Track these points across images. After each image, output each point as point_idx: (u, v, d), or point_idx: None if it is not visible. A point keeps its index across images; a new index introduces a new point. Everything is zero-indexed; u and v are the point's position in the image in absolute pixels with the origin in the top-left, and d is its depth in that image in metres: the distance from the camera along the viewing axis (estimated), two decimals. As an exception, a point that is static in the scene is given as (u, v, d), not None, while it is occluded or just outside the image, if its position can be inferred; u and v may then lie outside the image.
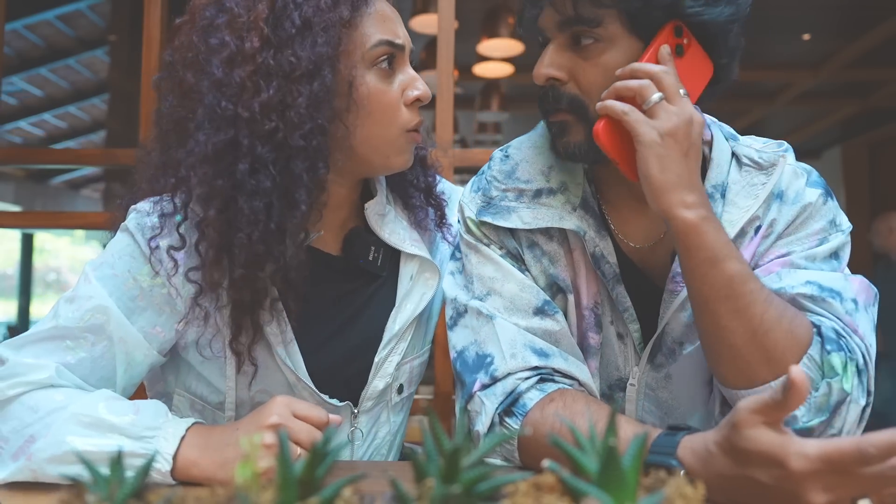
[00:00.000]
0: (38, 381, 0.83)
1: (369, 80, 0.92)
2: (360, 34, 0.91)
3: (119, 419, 0.80)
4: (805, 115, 7.17)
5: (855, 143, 7.82)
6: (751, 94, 6.45)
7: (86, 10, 5.68)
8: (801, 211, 0.92)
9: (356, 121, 0.92)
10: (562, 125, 0.91)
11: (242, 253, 0.85)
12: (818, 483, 0.57)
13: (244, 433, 0.81)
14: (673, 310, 0.92)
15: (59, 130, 8.56)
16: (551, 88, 0.90)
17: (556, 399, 0.84)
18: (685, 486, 0.44)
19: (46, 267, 14.92)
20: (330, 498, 0.43)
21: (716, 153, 0.95)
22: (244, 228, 0.84)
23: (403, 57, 0.96)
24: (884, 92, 6.14)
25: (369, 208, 1.02)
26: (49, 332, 0.87)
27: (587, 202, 0.96)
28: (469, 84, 5.47)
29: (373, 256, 1.02)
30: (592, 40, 0.87)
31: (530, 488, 0.44)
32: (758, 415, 0.60)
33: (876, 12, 4.54)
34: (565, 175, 0.97)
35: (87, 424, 0.79)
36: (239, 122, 0.85)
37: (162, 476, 0.79)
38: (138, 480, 0.45)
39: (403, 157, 0.98)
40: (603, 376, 0.98)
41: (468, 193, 1.01)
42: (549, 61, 0.88)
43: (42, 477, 0.79)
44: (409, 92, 0.95)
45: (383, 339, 1.02)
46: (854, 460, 0.56)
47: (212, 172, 0.85)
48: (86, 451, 0.77)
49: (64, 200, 10.48)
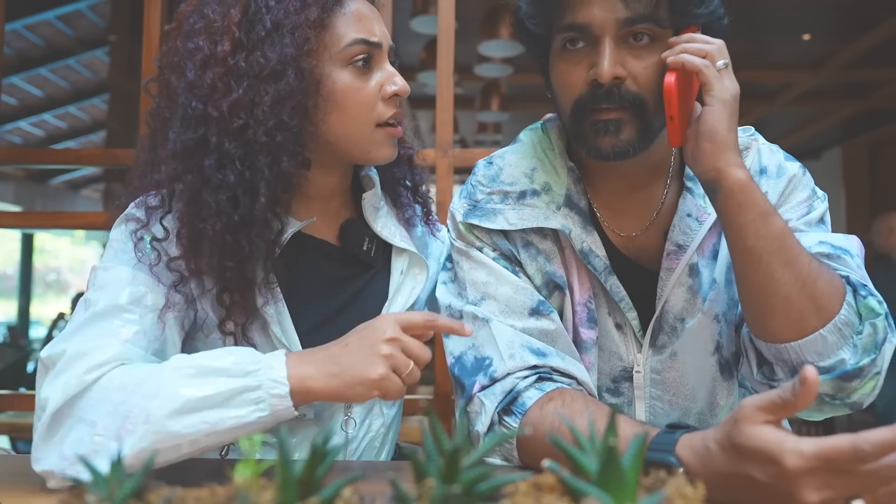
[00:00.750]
0: (109, 358, 0.81)
1: (343, 77, 0.95)
2: (332, 34, 0.94)
3: (220, 363, 0.79)
4: (805, 116, 7.17)
5: (855, 143, 7.82)
6: (751, 94, 6.45)
7: (86, 10, 5.68)
8: (788, 182, 0.99)
9: (328, 117, 0.95)
10: (617, 123, 0.90)
11: (210, 243, 0.89)
12: (813, 482, 0.57)
13: (356, 348, 0.81)
14: (671, 286, 0.96)
15: (59, 130, 8.56)
16: (615, 87, 0.89)
17: (555, 398, 0.85)
18: (685, 486, 0.44)
19: (46, 267, 14.93)
20: (330, 498, 0.43)
21: None
22: (209, 220, 0.89)
23: (381, 54, 0.98)
24: (884, 92, 6.14)
25: (366, 199, 1.06)
26: (92, 318, 0.85)
27: (571, 200, 0.98)
28: (469, 84, 5.47)
29: (367, 247, 1.06)
30: (649, 39, 0.89)
31: (530, 488, 0.44)
32: (762, 412, 0.60)
33: (876, 12, 4.54)
34: (548, 176, 1.00)
35: (192, 375, 0.78)
36: (209, 120, 0.90)
37: (282, 402, 0.78)
38: (138, 480, 0.45)
39: (384, 151, 1.00)
40: (605, 371, 0.99)
41: (457, 201, 1.04)
42: (613, 60, 0.88)
43: (166, 440, 0.75)
44: (388, 87, 0.97)
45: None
46: (850, 458, 0.55)
47: (181, 168, 0.90)
48: (204, 397, 0.76)
49: (64, 200, 10.48)
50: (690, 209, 0.97)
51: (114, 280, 0.89)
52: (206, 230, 0.89)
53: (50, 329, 6.81)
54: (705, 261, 0.98)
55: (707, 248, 0.98)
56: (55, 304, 13.54)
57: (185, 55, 0.92)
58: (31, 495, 0.77)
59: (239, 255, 0.90)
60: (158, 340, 0.89)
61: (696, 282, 0.97)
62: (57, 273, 15.52)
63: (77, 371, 0.78)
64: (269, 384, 0.78)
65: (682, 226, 0.97)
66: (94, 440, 0.75)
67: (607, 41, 0.88)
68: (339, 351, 0.82)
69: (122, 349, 0.83)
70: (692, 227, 0.96)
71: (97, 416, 0.76)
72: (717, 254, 0.98)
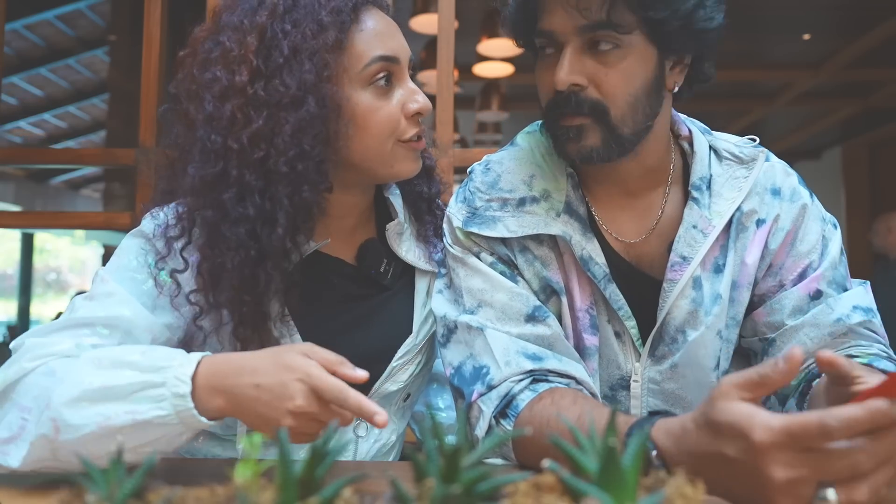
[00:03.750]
0: (57, 351, 0.81)
1: (364, 99, 0.93)
2: (351, 54, 0.92)
3: (133, 356, 0.76)
4: (805, 115, 7.16)
5: (855, 143, 7.82)
6: (751, 94, 6.45)
7: (86, 10, 5.68)
8: (802, 210, 0.98)
9: (350, 141, 0.93)
10: (579, 129, 0.90)
11: (229, 276, 0.88)
12: (780, 457, 0.54)
13: (266, 392, 0.72)
14: (674, 298, 0.94)
15: (59, 130, 8.56)
16: (573, 94, 0.89)
17: (545, 397, 0.85)
18: (685, 485, 0.44)
19: (46, 267, 14.93)
20: (330, 498, 0.43)
21: (697, 147, 1.00)
22: (227, 254, 0.88)
23: (401, 69, 0.96)
24: (884, 92, 6.14)
25: (389, 229, 1.05)
26: (66, 322, 0.86)
27: (570, 206, 0.98)
28: (469, 84, 5.47)
29: (384, 269, 1.05)
30: (612, 46, 0.87)
31: (530, 488, 0.44)
32: (739, 389, 0.58)
33: (876, 12, 4.54)
34: (547, 183, 0.99)
35: (101, 365, 0.76)
36: (229, 153, 0.88)
37: (182, 403, 0.72)
38: (138, 480, 0.45)
39: (408, 165, 0.99)
40: (604, 378, 0.99)
41: (454, 205, 1.02)
42: (570, 67, 0.88)
43: (62, 430, 0.73)
44: (409, 105, 0.96)
45: (405, 344, 1.04)
46: (817, 433, 0.53)
47: (201, 203, 0.89)
48: (102, 388, 0.73)
49: (64, 200, 10.48)
50: (696, 220, 0.96)
51: (105, 293, 0.88)
52: (225, 264, 0.88)
53: (50, 329, 6.79)
54: (707, 274, 0.96)
55: (709, 262, 0.97)
56: (55, 303, 13.55)
57: (202, 85, 0.90)
58: (30, 495, 0.77)
59: (256, 288, 0.89)
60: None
61: (698, 295, 0.95)
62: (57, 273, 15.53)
63: (23, 360, 0.80)
64: (172, 382, 0.73)
65: (688, 237, 0.96)
66: (20, 423, 0.76)
67: (569, 48, 0.88)
68: (251, 381, 0.73)
69: (72, 347, 0.82)
70: (696, 238, 0.95)
71: (26, 400, 0.77)
72: (720, 268, 0.97)
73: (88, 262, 15.38)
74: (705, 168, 0.98)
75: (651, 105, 0.91)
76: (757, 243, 0.97)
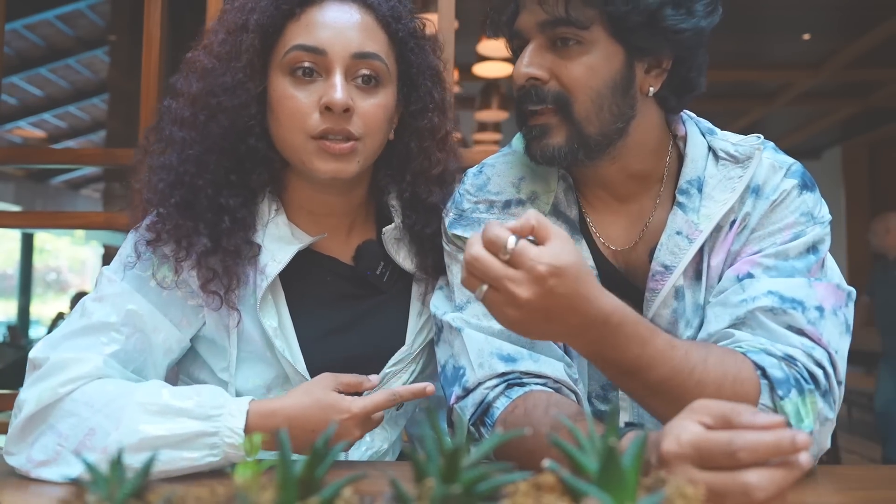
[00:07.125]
0: (86, 373, 0.85)
1: (281, 85, 0.95)
2: (281, 41, 0.96)
3: (184, 403, 0.83)
4: (805, 115, 7.17)
5: (855, 143, 7.83)
6: (751, 94, 6.45)
7: (86, 10, 5.69)
8: (773, 204, 0.92)
9: (271, 126, 0.97)
10: (543, 128, 0.90)
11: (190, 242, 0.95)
12: (681, 470, 0.55)
13: (321, 430, 0.83)
14: (655, 308, 0.93)
15: (59, 130, 8.58)
16: (533, 88, 0.89)
17: (518, 405, 0.85)
18: (685, 486, 0.44)
19: (46, 267, 14.93)
20: (330, 498, 0.43)
21: (690, 149, 0.96)
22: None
23: (329, 63, 0.93)
24: (884, 92, 6.15)
25: (386, 233, 1.06)
26: (82, 329, 0.89)
27: (558, 209, 0.97)
28: (469, 84, 5.47)
29: (380, 271, 1.05)
30: (575, 42, 0.87)
31: (530, 488, 0.44)
32: (703, 414, 0.58)
33: (876, 12, 4.54)
34: (536, 185, 0.99)
35: (155, 412, 0.82)
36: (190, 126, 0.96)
37: (235, 452, 0.81)
38: (138, 480, 0.45)
39: (320, 165, 0.94)
40: (595, 377, 0.99)
41: (448, 206, 1.03)
42: (529, 61, 0.89)
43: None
44: (322, 98, 0.93)
45: (398, 353, 1.04)
46: (721, 453, 0.54)
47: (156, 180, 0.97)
48: (160, 437, 0.80)
49: (64, 200, 10.49)
50: (681, 226, 0.92)
51: (114, 294, 0.92)
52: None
53: (49, 329, 6.82)
54: (689, 282, 0.94)
55: (691, 270, 0.93)
56: (55, 303, 13.54)
57: (187, 65, 0.99)
58: (30, 495, 0.77)
59: (212, 248, 0.93)
60: (139, 361, 0.92)
61: (679, 305, 0.93)
62: (57, 273, 15.53)
63: (54, 382, 0.84)
64: (226, 432, 0.81)
65: (671, 244, 0.93)
66: (56, 448, 0.81)
67: (532, 44, 0.89)
68: (306, 428, 0.84)
69: (100, 365, 0.87)
70: (681, 245, 0.92)
71: (64, 427, 0.82)
72: (699, 275, 0.93)
73: (88, 262, 15.39)
74: (698, 170, 0.94)
75: (619, 105, 0.89)
76: (725, 245, 0.92)
